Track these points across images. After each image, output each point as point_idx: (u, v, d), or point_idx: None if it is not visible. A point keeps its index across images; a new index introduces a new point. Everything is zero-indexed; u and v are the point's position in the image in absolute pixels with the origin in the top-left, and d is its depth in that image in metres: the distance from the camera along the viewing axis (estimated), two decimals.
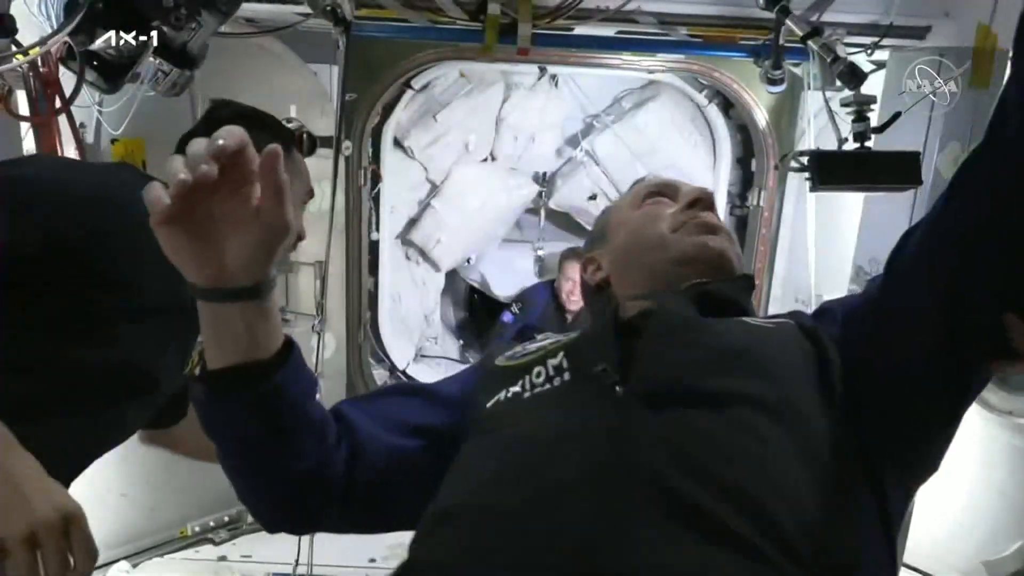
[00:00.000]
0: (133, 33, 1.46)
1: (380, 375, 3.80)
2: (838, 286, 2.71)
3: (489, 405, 0.86)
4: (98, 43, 1.53)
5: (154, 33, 1.49)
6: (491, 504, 0.71)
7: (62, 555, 0.89)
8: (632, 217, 1.02)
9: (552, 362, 0.84)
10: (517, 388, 0.85)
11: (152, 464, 2.39)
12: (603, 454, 0.69)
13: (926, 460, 0.81)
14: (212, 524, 2.64)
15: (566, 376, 0.82)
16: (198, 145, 0.62)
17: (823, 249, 2.80)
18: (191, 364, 1.39)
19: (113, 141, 2.11)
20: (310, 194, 1.53)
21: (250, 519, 2.70)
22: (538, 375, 0.84)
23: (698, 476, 0.65)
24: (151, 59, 1.61)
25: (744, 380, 0.74)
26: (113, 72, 1.62)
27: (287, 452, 0.78)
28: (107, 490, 2.30)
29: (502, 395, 0.86)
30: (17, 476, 0.94)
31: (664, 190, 1.03)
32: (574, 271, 3.73)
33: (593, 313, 1.06)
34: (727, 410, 0.71)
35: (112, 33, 1.45)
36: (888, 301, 0.79)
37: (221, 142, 0.62)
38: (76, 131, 1.95)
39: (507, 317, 4.20)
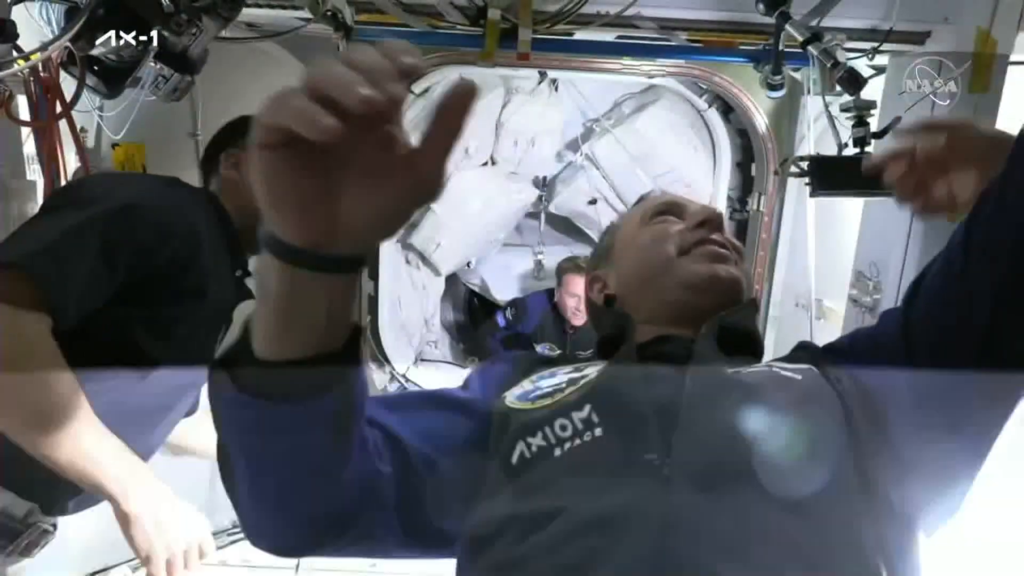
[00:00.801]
0: (134, 38, 1.47)
1: (380, 379, 3.80)
2: (838, 291, 2.71)
3: (514, 461, 0.77)
4: (99, 48, 1.53)
5: (155, 37, 1.49)
6: None
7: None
8: (639, 236, 0.99)
9: (578, 415, 0.76)
10: (541, 442, 0.76)
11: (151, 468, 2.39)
12: (654, 546, 0.63)
13: (954, 502, 0.78)
14: (213, 528, 2.63)
15: (597, 432, 0.75)
16: (372, 55, 0.45)
17: (823, 254, 2.80)
18: None
19: (114, 146, 2.11)
20: None
21: None
22: (562, 428, 0.76)
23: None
24: (151, 64, 1.61)
25: (790, 452, 0.71)
26: (114, 77, 1.63)
27: (341, 461, 0.66)
28: None
29: (523, 448, 0.77)
30: (162, 506, 1.23)
31: (671, 209, 1.00)
32: (577, 286, 3.69)
33: (602, 333, 1.00)
34: (764, 507, 0.67)
35: (113, 37, 1.45)
36: (917, 339, 0.76)
37: (410, 60, 0.45)
38: (77, 136, 1.95)
39: (500, 320, 4.15)
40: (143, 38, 1.48)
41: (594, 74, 3.52)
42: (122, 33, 1.45)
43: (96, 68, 1.62)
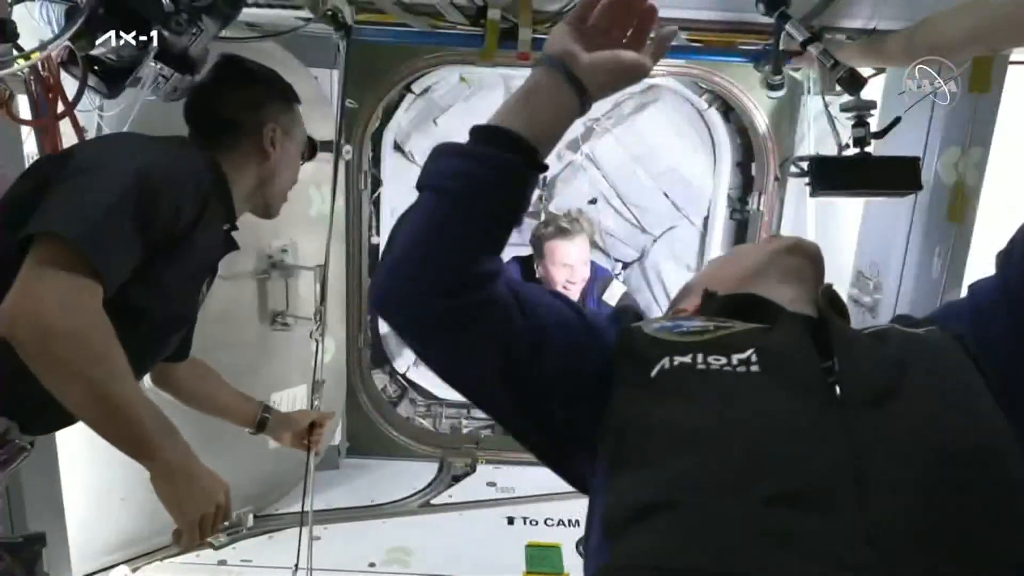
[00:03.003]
0: (134, 37, 1.46)
1: (380, 379, 3.81)
2: (839, 290, 2.71)
3: (654, 374, 0.81)
4: (99, 48, 1.53)
5: (155, 37, 1.49)
6: (722, 499, 0.69)
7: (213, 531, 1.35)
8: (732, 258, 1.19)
9: (738, 356, 0.80)
10: (686, 360, 0.81)
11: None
12: (842, 456, 0.69)
13: None
14: None
15: (753, 368, 0.79)
16: None
17: (823, 253, 2.80)
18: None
19: None
20: (311, 147, 1.81)
21: (251, 523, 2.69)
22: (716, 359, 0.80)
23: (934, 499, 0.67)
24: (152, 64, 1.61)
25: (931, 378, 0.77)
26: (114, 77, 1.62)
27: (495, 242, 0.87)
28: (107, 492, 2.30)
29: (666, 363, 0.82)
30: (194, 475, 1.31)
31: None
32: (564, 253, 3.22)
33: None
34: (928, 408, 0.74)
35: (113, 37, 1.45)
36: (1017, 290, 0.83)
37: None
38: (81, 135, 1.95)
39: None
40: (143, 38, 1.48)
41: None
42: (122, 33, 1.45)
43: (96, 68, 1.62)
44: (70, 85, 1.68)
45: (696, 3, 2.00)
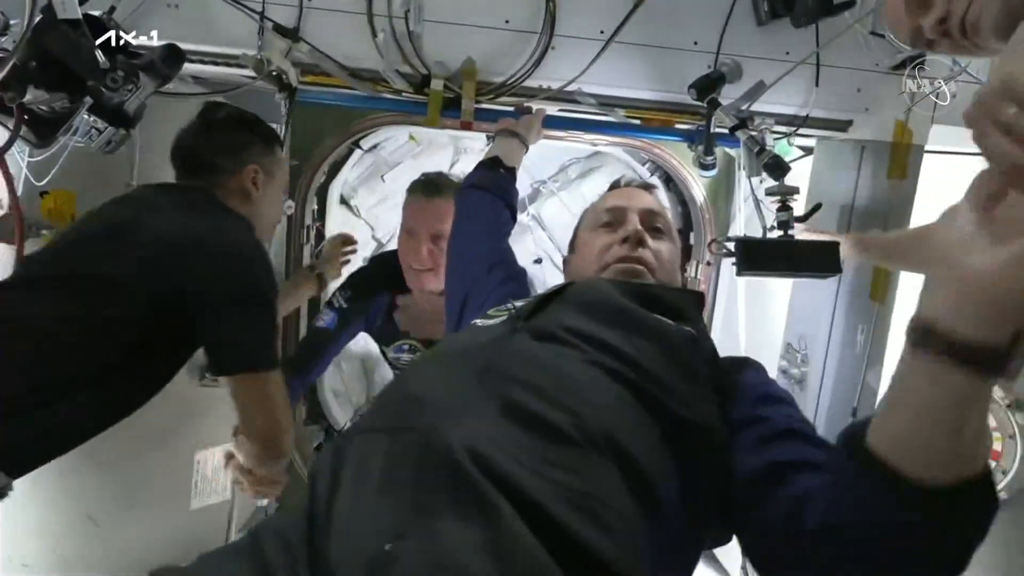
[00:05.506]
0: (67, 93, 1.44)
1: (316, 435, 3.70)
2: (769, 362, 2.77)
3: (471, 323, 1.29)
4: (30, 96, 1.50)
5: (89, 92, 1.47)
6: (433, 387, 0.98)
7: None
8: (587, 241, 1.48)
9: (502, 317, 1.21)
10: (479, 320, 1.27)
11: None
12: (490, 357, 0.99)
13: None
14: None
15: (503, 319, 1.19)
16: None
17: (754, 324, 2.88)
18: None
19: (42, 194, 2.04)
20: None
21: None
22: (493, 319, 1.23)
23: (533, 385, 0.92)
24: (85, 116, 1.58)
25: (599, 333, 1.05)
26: (45, 127, 1.59)
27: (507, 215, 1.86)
28: None
29: (475, 320, 1.28)
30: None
31: (614, 218, 1.46)
32: (421, 217, 2.48)
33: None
34: (573, 349, 1.01)
35: (45, 90, 1.42)
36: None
37: None
38: (11, 184, 1.88)
39: (326, 321, 2.64)
40: (77, 94, 1.45)
41: (540, 139, 3.58)
42: (55, 88, 1.42)
43: (26, 116, 1.58)
44: None
45: (635, 83, 2.07)
